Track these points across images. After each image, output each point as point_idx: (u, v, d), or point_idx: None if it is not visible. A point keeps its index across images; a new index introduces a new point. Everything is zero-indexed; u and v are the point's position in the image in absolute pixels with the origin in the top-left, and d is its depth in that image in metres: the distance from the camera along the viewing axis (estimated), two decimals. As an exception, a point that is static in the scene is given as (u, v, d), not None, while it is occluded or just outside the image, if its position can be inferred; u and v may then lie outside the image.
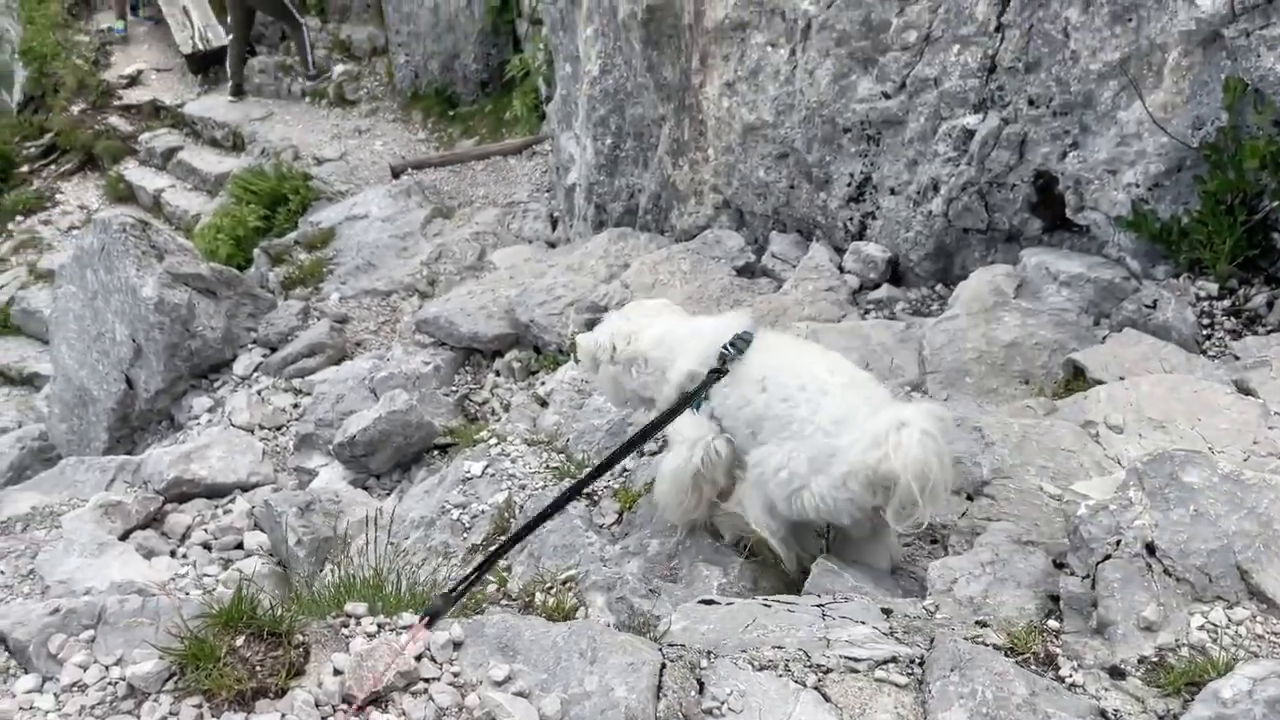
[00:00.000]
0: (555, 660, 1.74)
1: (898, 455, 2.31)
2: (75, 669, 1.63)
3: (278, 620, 1.65)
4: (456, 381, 6.05)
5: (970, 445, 2.64)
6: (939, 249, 5.11)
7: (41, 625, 1.71)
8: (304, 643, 1.64)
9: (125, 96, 14.51)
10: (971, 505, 2.51)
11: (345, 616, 1.78)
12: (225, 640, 1.59)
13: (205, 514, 5.88)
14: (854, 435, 2.47)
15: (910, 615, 2.06)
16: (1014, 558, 2.23)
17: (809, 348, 2.98)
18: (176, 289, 7.06)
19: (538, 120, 11.24)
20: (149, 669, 1.57)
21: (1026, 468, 2.57)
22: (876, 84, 5.09)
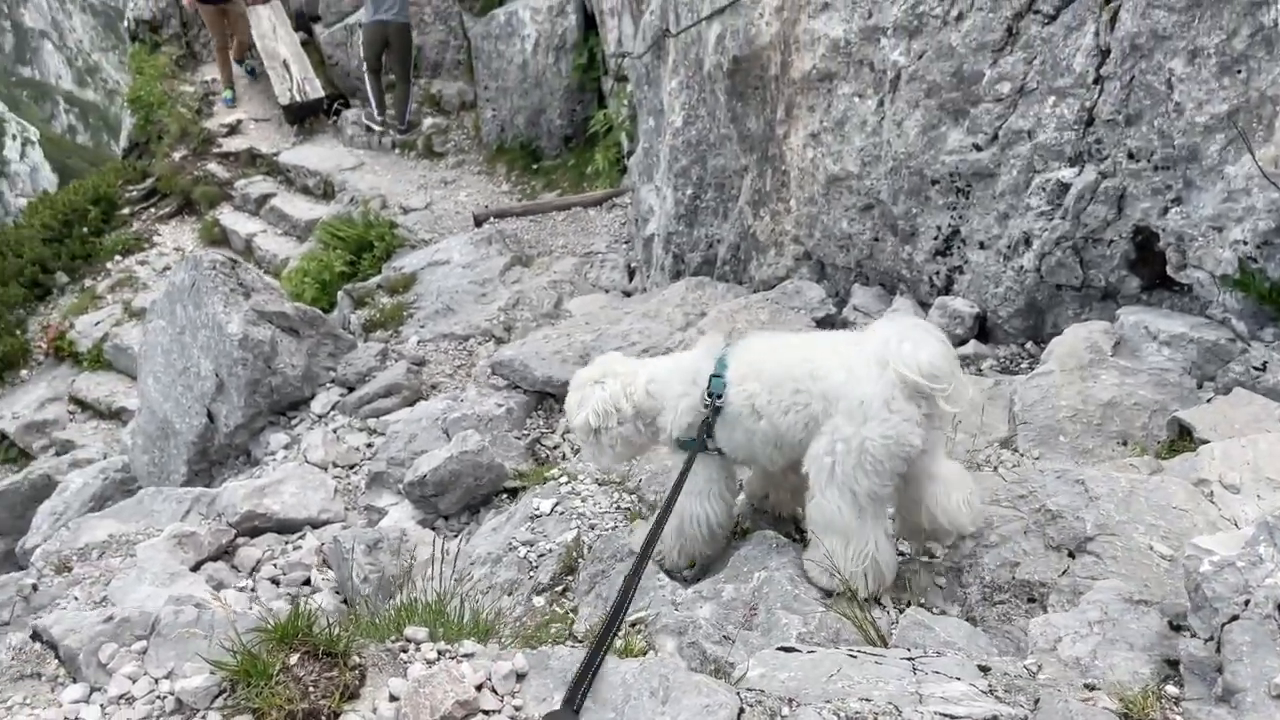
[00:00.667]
0: (624, 699, 1.62)
1: (904, 364, 2.60)
2: (124, 680, 1.58)
3: (334, 640, 1.57)
4: (528, 425, 6.01)
5: (1073, 499, 2.47)
6: (1030, 306, 4.94)
7: (94, 634, 1.66)
8: (360, 665, 1.56)
9: (224, 144, 15.07)
10: (1073, 563, 2.34)
11: (405, 641, 1.69)
12: (279, 657, 1.52)
13: (275, 549, 5.89)
14: (861, 373, 2.67)
15: (1010, 674, 1.90)
16: (1125, 617, 2.05)
17: (771, 350, 2.98)
18: (261, 326, 7.19)
19: (618, 174, 11.36)
20: (198, 684, 1.51)
21: (1135, 525, 2.39)
22: (967, 136, 4.98)
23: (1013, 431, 3.70)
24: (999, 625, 2.28)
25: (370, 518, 5.82)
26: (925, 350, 2.63)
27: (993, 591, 2.39)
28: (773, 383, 2.81)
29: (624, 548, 2.90)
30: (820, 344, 2.93)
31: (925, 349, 2.63)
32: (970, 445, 3.72)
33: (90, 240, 14.15)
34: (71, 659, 1.65)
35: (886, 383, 2.63)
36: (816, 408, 2.72)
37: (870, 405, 2.63)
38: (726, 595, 2.41)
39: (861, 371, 2.68)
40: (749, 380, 2.85)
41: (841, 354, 2.78)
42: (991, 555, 2.46)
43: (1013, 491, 2.58)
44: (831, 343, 2.91)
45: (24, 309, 13.43)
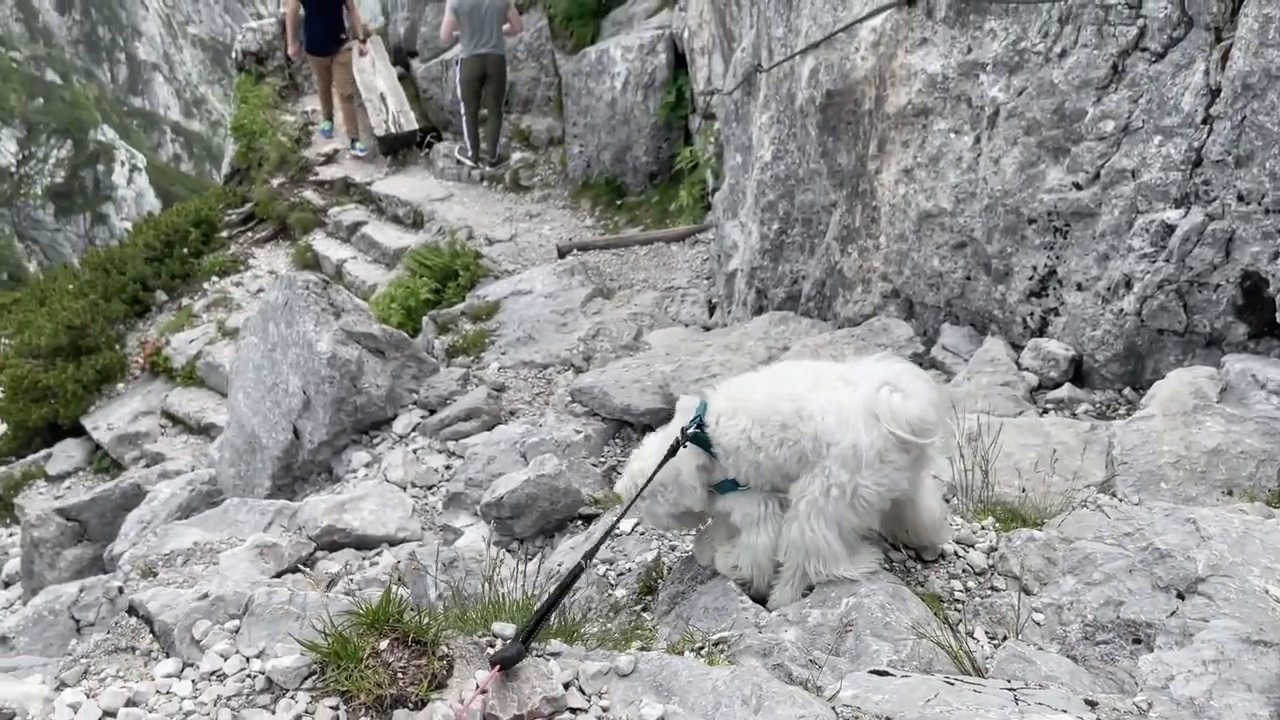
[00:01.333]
0: (714, 705, 1.58)
1: (895, 420, 2.66)
2: (216, 657, 1.59)
3: (424, 628, 1.56)
4: (605, 453, 6.00)
5: (1183, 538, 2.34)
6: (1129, 350, 4.78)
7: (188, 610, 1.68)
8: (448, 655, 1.55)
9: (321, 173, 15.54)
10: (1183, 604, 2.21)
11: (492, 636, 1.68)
12: (370, 642, 1.51)
13: (352, 564, 5.95)
14: (853, 421, 2.72)
15: (1120, 710, 1.80)
16: (1242, 657, 1.93)
17: (752, 384, 3.06)
18: (349, 346, 7.34)
19: (701, 211, 11.40)
20: (289, 664, 1.51)
21: (1249, 567, 2.26)
22: (1067, 174, 4.87)
23: (1111, 476, 3.56)
24: (1102, 665, 2.17)
25: (446, 537, 5.86)
26: (915, 403, 2.70)
27: (1095, 630, 2.28)
28: (760, 417, 2.88)
29: (705, 570, 2.86)
30: (800, 378, 2.97)
31: (915, 402, 2.71)
32: (1064, 488, 3.59)
33: (189, 261, 14.67)
34: (166, 634, 1.67)
35: (880, 434, 2.70)
36: (806, 446, 2.80)
37: (864, 455, 2.71)
38: (813, 620, 2.34)
39: (854, 420, 2.73)
40: (739, 415, 2.93)
41: (829, 394, 2.82)
42: (1094, 593, 2.35)
43: (1118, 529, 2.47)
44: (814, 377, 2.95)
45: (124, 324, 13.96)
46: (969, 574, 2.73)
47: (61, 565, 9.82)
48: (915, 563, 2.76)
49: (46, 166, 76.75)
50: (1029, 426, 4.13)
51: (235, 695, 1.54)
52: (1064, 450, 3.95)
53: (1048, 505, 3.17)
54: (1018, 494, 3.22)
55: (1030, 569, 2.64)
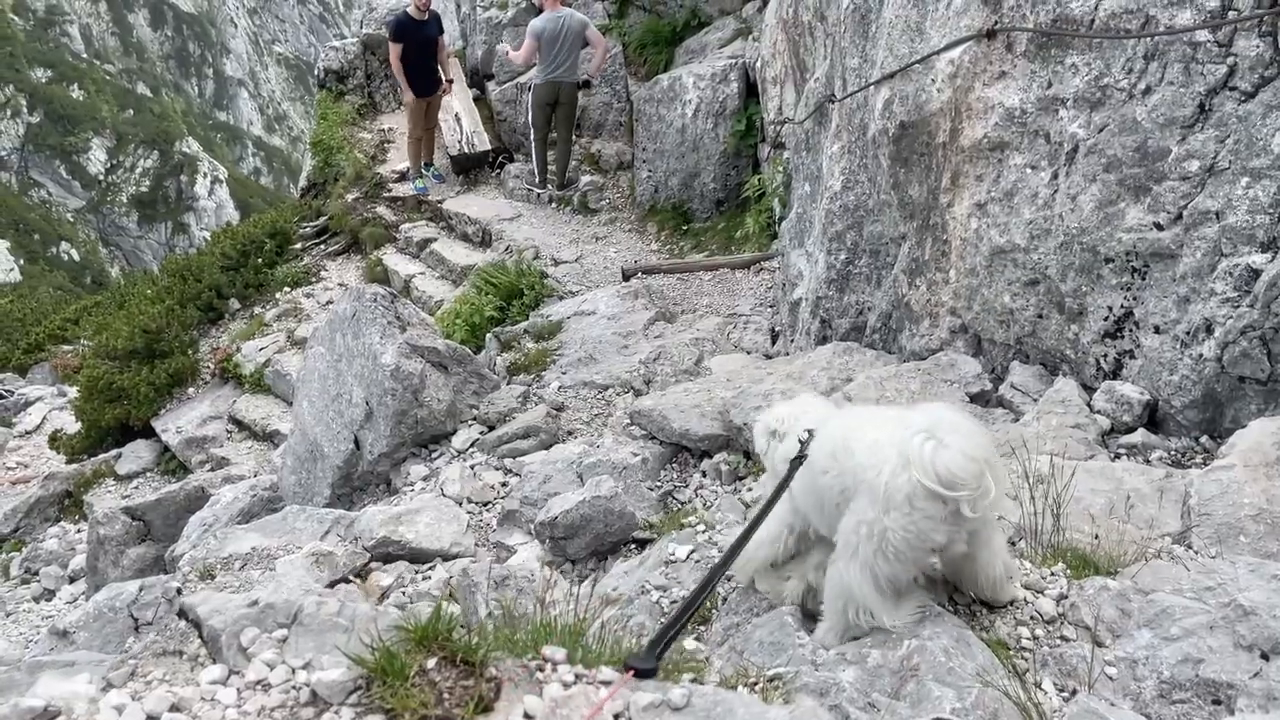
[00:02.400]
0: (770, 745, 1.53)
1: (922, 469, 2.54)
2: (262, 666, 1.57)
3: (472, 648, 1.53)
4: (662, 477, 5.95)
5: (1269, 595, 2.22)
6: (1207, 397, 4.61)
7: (237, 616, 1.66)
8: (496, 678, 1.51)
9: (394, 190, 15.83)
10: (1267, 665, 2.09)
11: (541, 660, 1.64)
12: (417, 659, 1.48)
13: (405, 577, 5.98)
14: (883, 458, 2.65)
15: (1199, 781, 1.71)
16: None
17: (833, 414, 3.10)
18: (413, 359, 7.42)
19: (768, 239, 11.35)
20: (335, 678, 1.49)
21: None
22: (1148, 214, 4.73)
23: (1186, 527, 3.42)
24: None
25: (499, 555, 5.86)
26: (945, 456, 2.55)
27: (1172, 689, 2.15)
28: (821, 443, 2.91)
29: (762, 602, 2.79)
30: (862, 414, 3.02)
31: (945, 455, 2.55)
32: (1138, 537, 3.46)
33: (263, 271, 15.02)
34: (214, 640, 1.65)
35: (906, 478, 2.59)
36: (848, 480, 2.77)
37: (893, 497, 2.62)
38: (872, 661, 2.26)
39: (885, 455, 2.66)
40: (822, 442, 2.95)
41: (875, 432, 2.77)
42: (1172, 649, 2.23)
43: (1198, 583, 2.35)
44: (874, 415, 2.95)
45: (198, 330, 14.31)
46: (1037, 621, 2.62)
47: (125, 563, 10.05)
48: (981, 607, 2.67)
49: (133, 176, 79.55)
50: (1100, 471, 3.99)
51: (279, 706, 1.52)
52: (1137, 497, 3.82)
53: (1121, 553, 3.05)
54: (1089, 540, 3.09)
55: (1103, 620, 2.52)
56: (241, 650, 1.61)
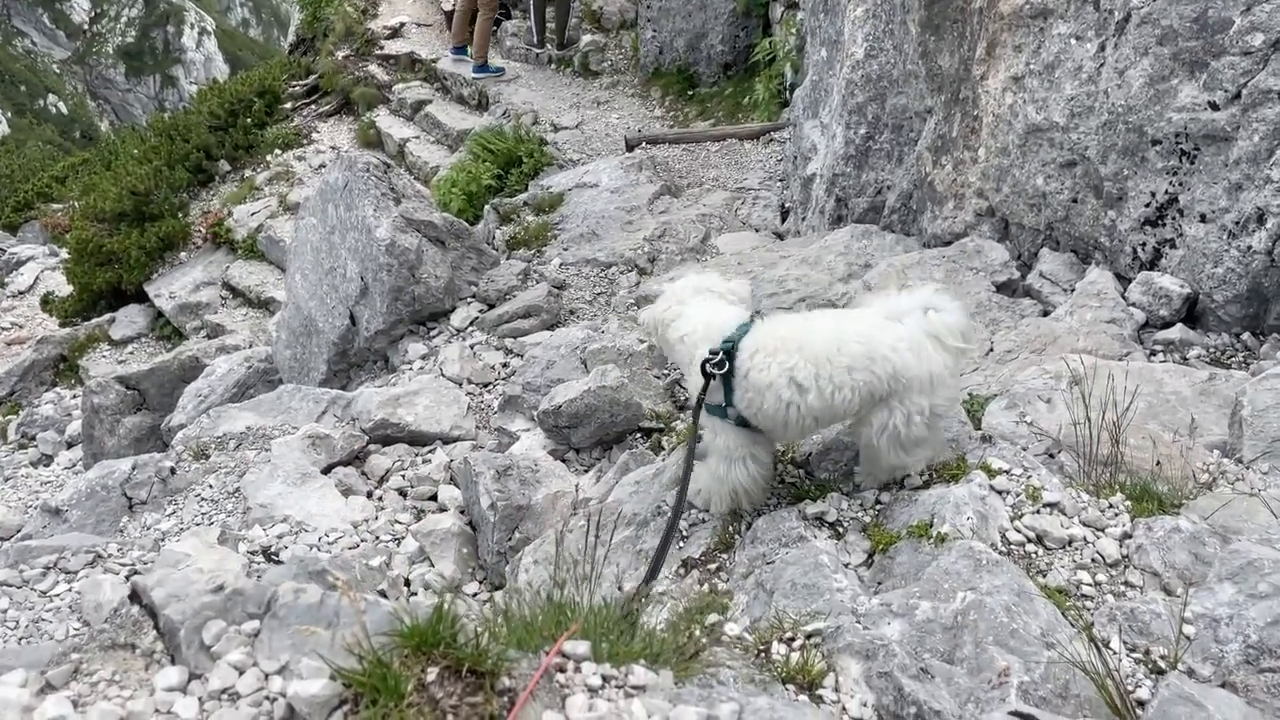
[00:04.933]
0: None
1: (951, 335, 2.90)
2: (228, 670, 1.31)
3: (481, 654, 1.28)
4: (669, 365, 5.73)
5: None
6: (1252, 292, 4.35)
7: (199, 606, 1.41)
8: (510, 690, 1.27)
9: (386, 47, 15.11)
10: None
11: (562, 657, 1.40)
12: (414, 671, 1.24)
13: (405, 460, 5.84)
14: (927, 353, 2.89)
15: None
16: None
17: (809, 327, 3.06)
18: (408, 233, 7.10)
19: (777, 108, 10.83)
20: (316, 691, 1.24)
21: None
22: (1203, 92, 4.37)
23: (1236, 438, 3.21)
24: (1269, 700, 1.85)
25: (501, 440, 5.70)
26: (955, 316, 2.95)
27: (1260, 654, 1.96)
28: (820, 359, 2.90)
29: (791, 531, 2.59)
30: (858, 324, 3.03)
31: (954, 315, 2.95)
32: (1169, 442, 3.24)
33: (253, 131, 14.47)
34: (171, 633, 1.39)
35: (945, 355, 2.92)
36: (881, 386, 2.89)
37: (940, 377, 2.91)
38: (921, 614, 2.05)
39: (927, 351, 2.91)
40: (788, 354, 2.93)
41: (893, 332, 2.94)
42: (1260, 608, 2.02)
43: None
44: (870, 323, 3.02)
45: (188, 193, 13.89)
46: (1099, 565, 2.41)
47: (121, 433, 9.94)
48: (1036, 547, 2.46)
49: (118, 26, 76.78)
50: (1137, 373, 3.76)
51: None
52: (1179, 401, 3.60)
53: (1183, 479, 2.83)
54: (1145, 459, 2.88)
55: (1174, 566, 2.33)
56: (204, 648, 1.37)
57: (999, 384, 3.92)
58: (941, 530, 2.35)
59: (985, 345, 4.48)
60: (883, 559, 2.40)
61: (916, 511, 2.49)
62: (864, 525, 2.58)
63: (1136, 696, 1.95)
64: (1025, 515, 2.50)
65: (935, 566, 2.19)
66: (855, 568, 2.41)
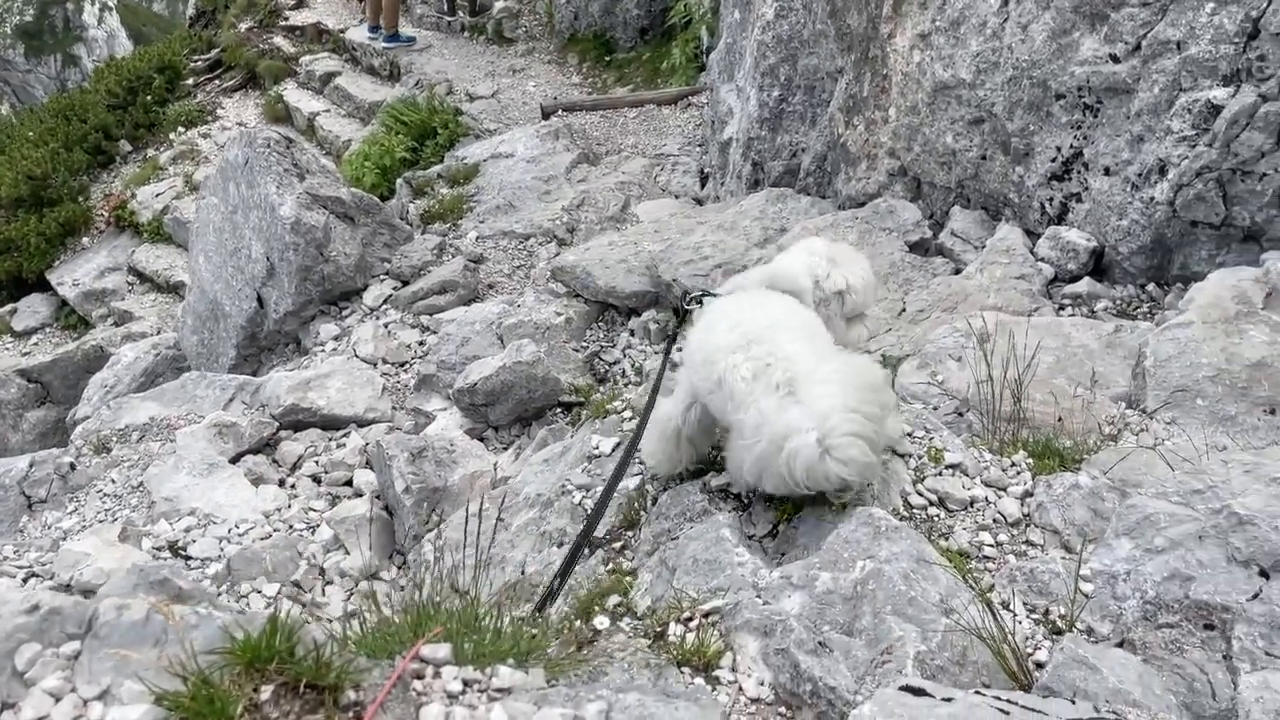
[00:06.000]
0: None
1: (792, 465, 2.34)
2: (44, 698, 1.17)
3: (322, 667, 1.17)
4: (588, 337, 5.64)
5: (1269, 502, 1.98)
6: (1156, 243, 4.39)
7: (13, 628, 1.26)
8: (357, 704, 1.16)
9: (291, 18, 14.63)
10: (1268, 585, 1.87)
11: (420, 662, 1.29)
12: (246, 689, 1.12)
13: (318, 445, 5.67)
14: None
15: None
16: None
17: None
18: (314, 210, 6.87)
19: (695, 72, 10.72)
20: (135, 718, 1.13)
21: None
22: (1104, 44, 4.37)
23: (1139, 389, 3.23)
24: (1167, 656, 1.84)
25: (417, 421, 5.56)
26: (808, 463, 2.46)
27: (1157, 610, 1.93)
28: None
29: (695, 505, 2.52)
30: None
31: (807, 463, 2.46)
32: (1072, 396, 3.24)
33: (154, 110, 13.91)
34: None
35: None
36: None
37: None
38: (821, 585, 1.99)
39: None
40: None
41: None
42: (1156, 563, 1.99)
43: (1185, 485, 2.10)
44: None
45: (88, 175, 13.30)
46: (1000, 525, 2.39)
47: (25, 428, 9.56)
48: (939, 509, 2.43)
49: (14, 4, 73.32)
50: (1046, 327, 3.77)
51: (63, 759, 1.16)
52: (1085, 354, 3.62)
53: (1085, 434, 2.83)
54: (1048, 415, 2.87)
55: (1074, 523, 2.31)
56: (18, 675, 1.24)
57: (911, 344, 3.90)
58: (843, 498, 2.31)
59: (898, 305, 4.47)
60: (787, 529, 2.34)
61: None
62: (768, 496, 2.53)
63: (1036, 659, 1.93)
64: (928, 478, 2.47)
65: (836, 535, 2.14)
66: (760, 539, 2.35)
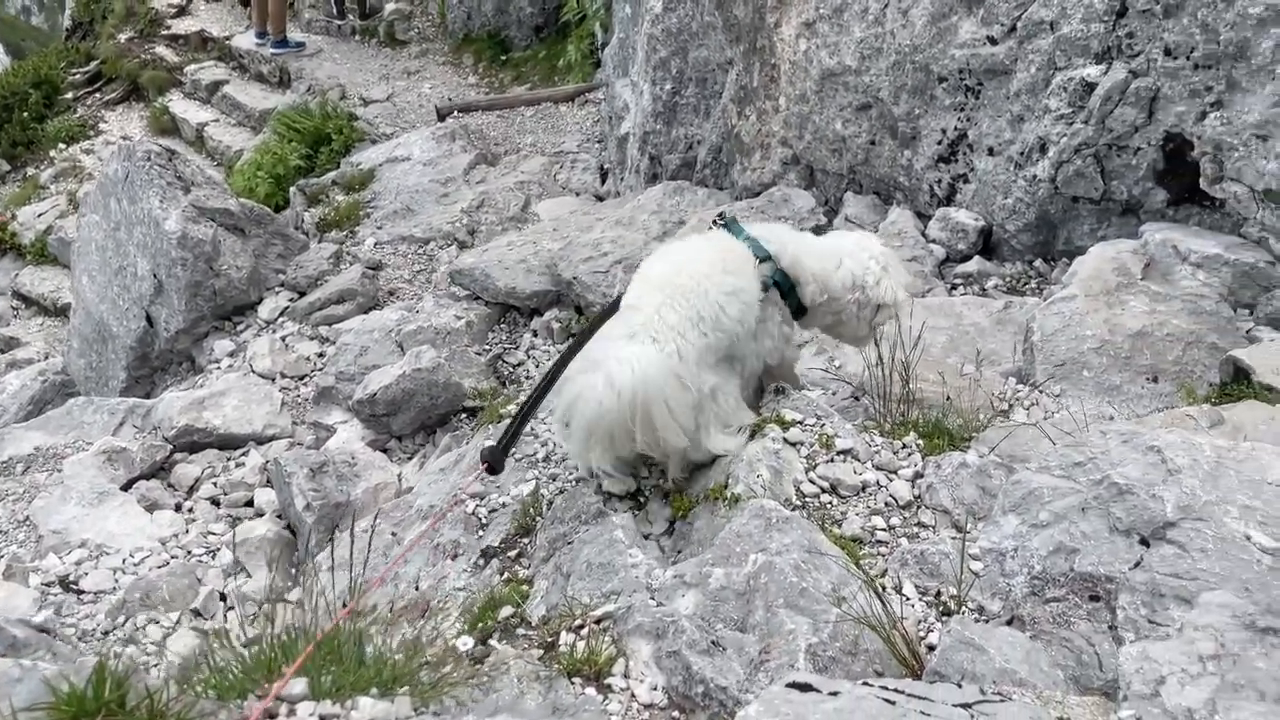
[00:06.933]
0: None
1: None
2: None
3: (156, 716, 1.06)
4: (490, 340, 5.54)
5: (1146, 471, 1.98)
6: (1041, 219, 4.49)
7: None
8: None
9: (173, 26, 14.13)
10: (1149, 553, 1.89)
11: (276, 700, 1.20)
12: None
13: (216, 466, 5.47)
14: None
15: (1108, 735, 1.48)
16: (1249, 651, 1.57)
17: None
18: (201, 224, 6.62)
19: (592, 68, 10.67)
20: None
21: (1225, 506, 1.88)
22: (981, 27, 4.46)
23: (1028, 363, 3.29)
24: (1054, 630, 1.84)
25: (318, 435, 5.40)
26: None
27: (1044, 585, 1.94)
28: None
29: (590, 507, 2.46)
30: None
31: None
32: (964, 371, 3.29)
33: (31, 126, 13.28)
34: None
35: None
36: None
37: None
38: (715, 582, 1.96)
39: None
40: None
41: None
42: (1042, 538, 2.00)
43: (1066, 457, 2.12)
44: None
45: (-38, 197, 12.65)
46: (892, 508, 2.39)
47: (-96, 468, 9.01)
48: (831, 496, 2.42)
49: (-126, 19, 69.62)
50: (939, 307, 3.83)
51: None
52: (977, 332, 3.68)
53: (974, 411, 2.87)
54: (938, 395, 2.90)
55: (964, 502, 2.32)
56: None
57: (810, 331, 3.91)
58: (735, 491, 2.28)
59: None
60: (683, 526, 2.31)
61: (713, 473, 2.40)
62: (665, 492, 2.49)
63: (929, 641, 1.93)
64: (819, 465, 2.46)
65: (728, 530, 2.11)
66: (657, 538, 2.32)
